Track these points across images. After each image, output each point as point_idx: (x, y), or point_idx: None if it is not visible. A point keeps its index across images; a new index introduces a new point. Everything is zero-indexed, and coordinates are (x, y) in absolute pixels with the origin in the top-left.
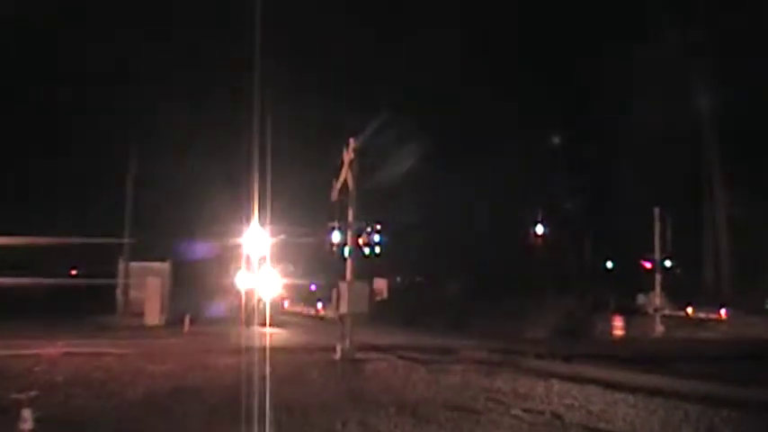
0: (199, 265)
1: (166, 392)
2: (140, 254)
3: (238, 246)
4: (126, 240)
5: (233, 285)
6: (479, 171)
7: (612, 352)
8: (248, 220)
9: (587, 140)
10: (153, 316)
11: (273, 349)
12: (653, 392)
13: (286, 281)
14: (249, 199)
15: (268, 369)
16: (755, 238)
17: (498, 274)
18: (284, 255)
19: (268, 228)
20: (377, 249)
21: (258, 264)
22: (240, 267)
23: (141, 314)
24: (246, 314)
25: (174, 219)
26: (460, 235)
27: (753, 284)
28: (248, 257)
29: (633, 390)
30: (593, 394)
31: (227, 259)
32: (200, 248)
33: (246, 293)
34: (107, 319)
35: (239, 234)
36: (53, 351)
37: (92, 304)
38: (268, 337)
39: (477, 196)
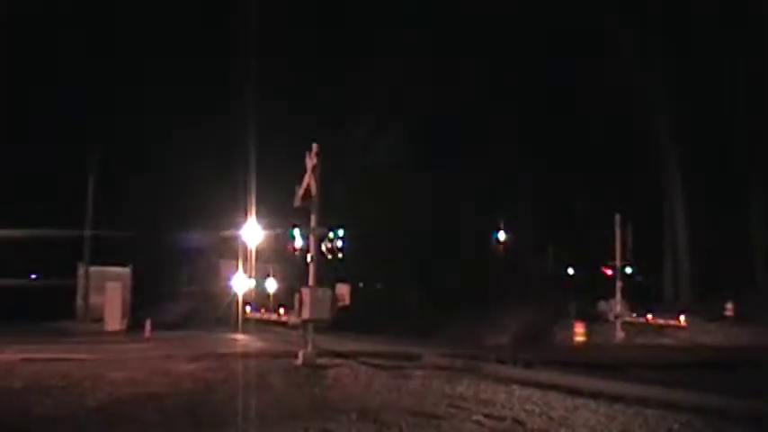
0: (176, 265)
1: (126, 399)
2: (108, 253)
3: (227, 240)
4: (87, 231)
5: (227, 288)
6: (443, 177)
7: (574, 358)
8: (237, 213)
9: (549, 144)
10: (113, 321)
11: (234, 355)
12: (614, 398)
13: (276, 284)
14: (239, 191)
15: (229, 375)
16: (715, 244)
17: (460, 281)
18: (274, 255)
19: (256, 223)
20: (340, 255)
21: (245, 265)
22: (233, 268)
23: (102, 319)
24: (238, 319)
25: (150, 214)
26: (423, 241)
27: (712, 291)
28: (240, 255)
29: (594, 395)
30: (555, 400)
31: (208, 258)
32: (188, 240)
33: (238, 297)
34: (66, 324)
35: (227, 227)
36: (10, 357)
37: (51, 308)
38: (230, 343)
39: (440, 202)
